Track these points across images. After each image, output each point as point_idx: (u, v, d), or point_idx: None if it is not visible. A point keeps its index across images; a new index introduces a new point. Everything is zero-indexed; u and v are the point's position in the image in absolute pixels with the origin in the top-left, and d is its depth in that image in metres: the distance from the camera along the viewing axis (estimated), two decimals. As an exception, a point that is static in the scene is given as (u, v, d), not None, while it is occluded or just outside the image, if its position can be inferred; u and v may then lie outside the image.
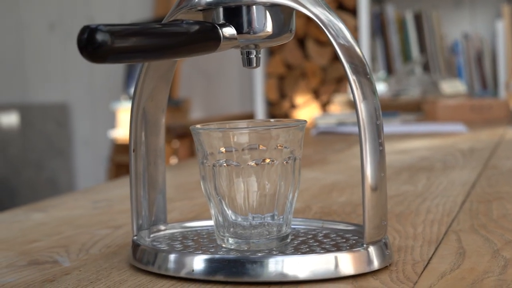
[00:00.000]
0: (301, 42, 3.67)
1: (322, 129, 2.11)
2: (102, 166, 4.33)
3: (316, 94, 3.70)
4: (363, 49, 3.48)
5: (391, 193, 0.99)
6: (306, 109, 3.68)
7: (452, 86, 3.02)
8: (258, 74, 3.69)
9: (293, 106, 3.73)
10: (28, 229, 0.85)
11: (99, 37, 0.48)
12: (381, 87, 3.19)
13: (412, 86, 3.12)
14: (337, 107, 3.10)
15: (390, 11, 3.60)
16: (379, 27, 3.61)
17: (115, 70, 4.13)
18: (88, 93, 4.43)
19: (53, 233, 0.81)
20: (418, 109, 2.69)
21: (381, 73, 3.47)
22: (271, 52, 3.72)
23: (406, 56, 3.58)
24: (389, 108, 2.72)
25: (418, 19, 3.57)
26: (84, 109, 4.46)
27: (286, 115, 3.71)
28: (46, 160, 4.47)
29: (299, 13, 0.60)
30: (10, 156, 4.45)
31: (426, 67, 3.52)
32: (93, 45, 0.48)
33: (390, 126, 2.10)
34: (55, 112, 4.47)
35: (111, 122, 4.12)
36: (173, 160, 3.49)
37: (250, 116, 3.78)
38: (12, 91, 4.56)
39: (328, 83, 3.67)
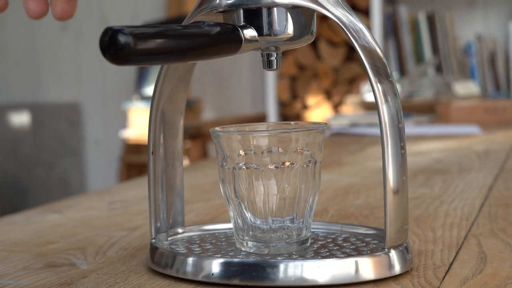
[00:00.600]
0: (313, 42, 3.66)
1: (335, 130, 2.10)
2: (114, 166, 4.33)
3: (328, 95, 3.69)
4: (376, 50, 3.46)
5: (408, 196, 0.98)
6: (318, 110, 3.67)
7: (465, 88, 3.01)
8: (270, 74, 3.68)
9: (305, 107, 3.72)
10: (43, 230, 0.84)
11: (122, 39, 0.48)
12: (393, 88, 3.17)
13: (425, 87, 3.11)
14: (349, 108, 3.09)
15: (403, 12, 3.58)
16: (391, 28, 3.60)
17: (127, 70, 4.13)
18: (100, 93, 4.43)
19: (69, 234, 0.81)
20: (431, 111, 2.67)
21: (394, 74, 3.46)
22: (283, 52, 3.71)
23: (419, 57, 3.57)
24: (402, 109, 2.70)
25: (431, 20, 3.56)
26: (95, 109, 4.47)
27: (298, 116, 3.71)
28: (57, 160, 4.48)
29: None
30: (21, 156, 4.46)
31: (439, 68, 3.50)
32: (115, 47, 0.47)
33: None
34: (66, 112, 4.48)
35: (123, 122, 4.12)
36: (185, 161, 3.48)
37: (262, 117, 3.77)
38: (24, 90, 4.56)
39: (340, 84, 3.66)
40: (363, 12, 3.58)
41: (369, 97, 2.98)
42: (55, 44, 4.47)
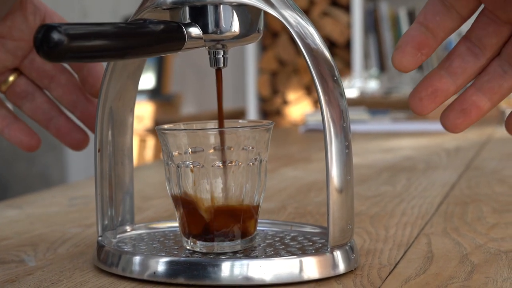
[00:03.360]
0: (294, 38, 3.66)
1: (311, 127, 2.10)
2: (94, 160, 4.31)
3: (308, 90, 3.69)
4: (356, 46, 3.47)
5: (369, 193, 0.98)
6: (298, 106, 3.67)
7: (444, 84, 3.01)
8: (251, 69, 3.68)
9: (285, 102, 3.73)
10: (0, 226, 0.84)
11: (55, 36, 0.47)
12: (373, 85, 3.18)
13: (404, 84, 3.12)
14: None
15: (384, 8, 3.59)
16: (372, 24, 3.60)
17: (108, 64, 4.12)
18: (81, 87, 4.41)
19: (25, 231, 0.81)
20: (409, 107, 2.67)
21: (374, 70, 3.46)
22: (264, 47, 3.71)
23: (399, 53, 3.57)
24: (380, 105, 2.71)
25: (411, 16, 3.56)
26: (77, 102, 4.45)
27: (278, 111, 3.71)
28: (38, 154, 4.46)
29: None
30: (1, 149, 4.45)
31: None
32: (48, 44, 0.47)
33: (380, 124, 2.10)
34: (47, 105, 4.46)
35: (104, 116, 4.10)
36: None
37: (242, 112, 3.77)
38: (5, 83, 4.54)
39: (321, 80, 3.66)
40: (344, 8, 3.59)
41: (348, 93, 2.98)
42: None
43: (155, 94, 3.54)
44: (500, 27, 0.55)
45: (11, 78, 0.73)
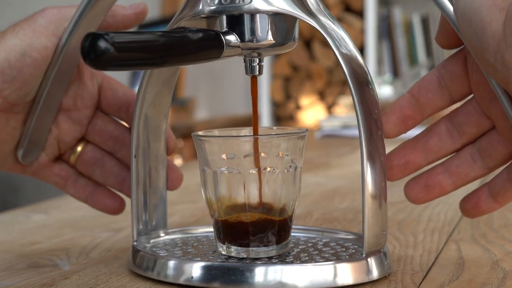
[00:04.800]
0: (307, 43, 3.67)
1: (327, 132, 2.10)
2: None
3: (321, 95, 3.70)
4: (369, 52, 3.48)
5: (394, 199, 0.99)
6: (311, 111, 3.68)
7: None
8: (264, 75, 3.68)
9: (298, 108, 3.73)
10: (29, 230, 0.85)
11: (102, 45, 0.48)
12: (387, 90, 3.19)
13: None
14: (342, 110, 3.10)
15: (397, 14, 3.59)
16: (386, 30, 3.61)
17: (121, 69, 4.12)
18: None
19: (54, 235, 0.82)
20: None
21: (387, 76, 3.46)
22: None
23: (413, 59, 3.57)
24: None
25: (425, 22, 3.57)
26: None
27: (291, 116, 3.71)
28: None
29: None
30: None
31: (432, 71, 3.51)
32: (95, 52, 0.48)
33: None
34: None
35: (116, 120, 4.11)
36: (178, 160, 3.49)
37: (255, 117, 3.77)
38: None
39: (333, 85, 3.67)
40: (357, 13, 3.59)
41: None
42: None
43: (168, 98, 3.54)
44: (481, 120, 0.58)
45: (79, 148, 0.71)
